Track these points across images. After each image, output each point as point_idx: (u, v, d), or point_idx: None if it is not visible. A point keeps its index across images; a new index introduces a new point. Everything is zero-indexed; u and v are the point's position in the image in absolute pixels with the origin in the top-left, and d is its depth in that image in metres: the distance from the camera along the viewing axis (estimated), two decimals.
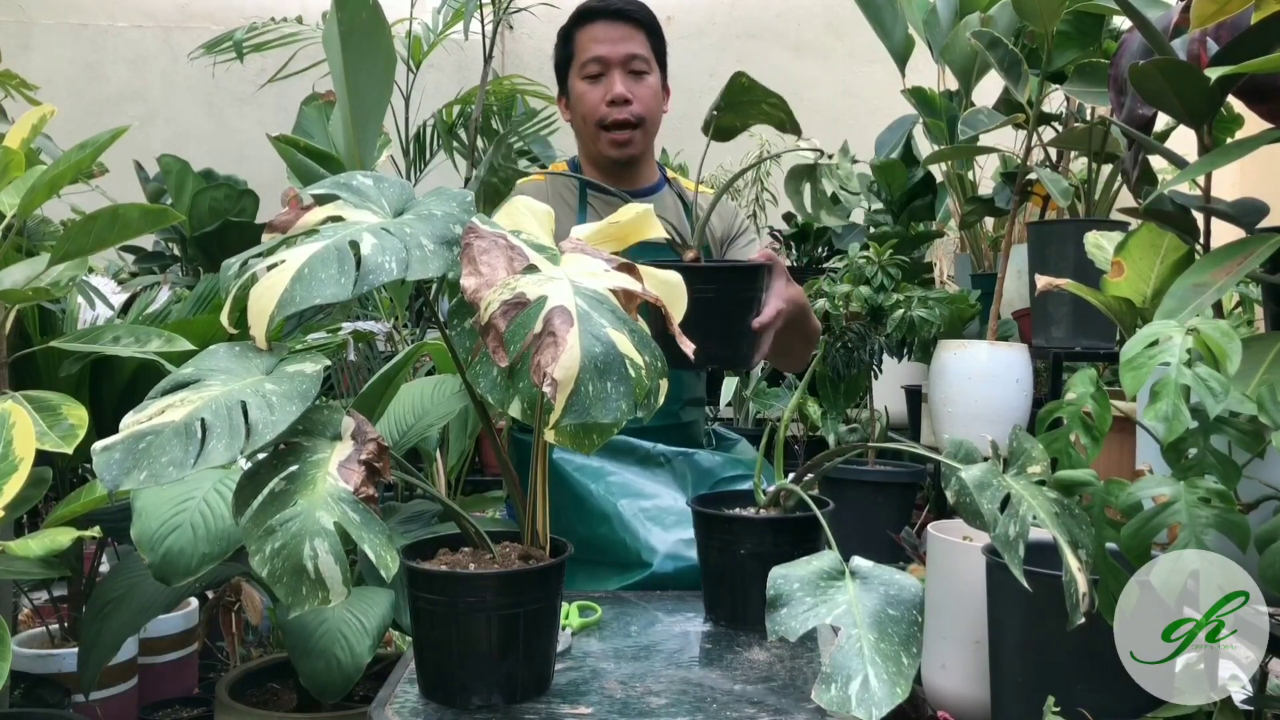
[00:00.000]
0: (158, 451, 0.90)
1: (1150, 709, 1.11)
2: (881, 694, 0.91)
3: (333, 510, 0.94)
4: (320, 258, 0.99)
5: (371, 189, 1.14)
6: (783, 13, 4.90)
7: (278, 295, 0.97)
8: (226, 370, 1.00)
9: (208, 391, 0.96)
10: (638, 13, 1.87)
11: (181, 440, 0.91)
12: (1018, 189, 2.04)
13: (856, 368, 2.17)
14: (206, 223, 2.76)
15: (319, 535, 0.93)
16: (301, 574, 0.92)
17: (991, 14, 2.20)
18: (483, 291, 0.93)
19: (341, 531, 0.94)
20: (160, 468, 0.89)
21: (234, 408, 0.94)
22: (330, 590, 0.93)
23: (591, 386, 0.88)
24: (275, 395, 0.96)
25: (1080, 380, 1.14)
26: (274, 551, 0.92)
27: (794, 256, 3.37)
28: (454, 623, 1.06)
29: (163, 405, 0.94)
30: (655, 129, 1.92)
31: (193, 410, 0.93)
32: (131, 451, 0.90)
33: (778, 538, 1.33)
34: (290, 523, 0.93)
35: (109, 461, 0.89)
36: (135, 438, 0.91)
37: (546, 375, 0.87)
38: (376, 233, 1.03)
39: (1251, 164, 1.46)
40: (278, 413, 0.94)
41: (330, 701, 1.33)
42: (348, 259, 0.99)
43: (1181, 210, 1.33)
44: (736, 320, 1.43)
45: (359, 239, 1.01)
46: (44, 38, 4.84)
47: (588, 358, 0.89)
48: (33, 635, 1.85)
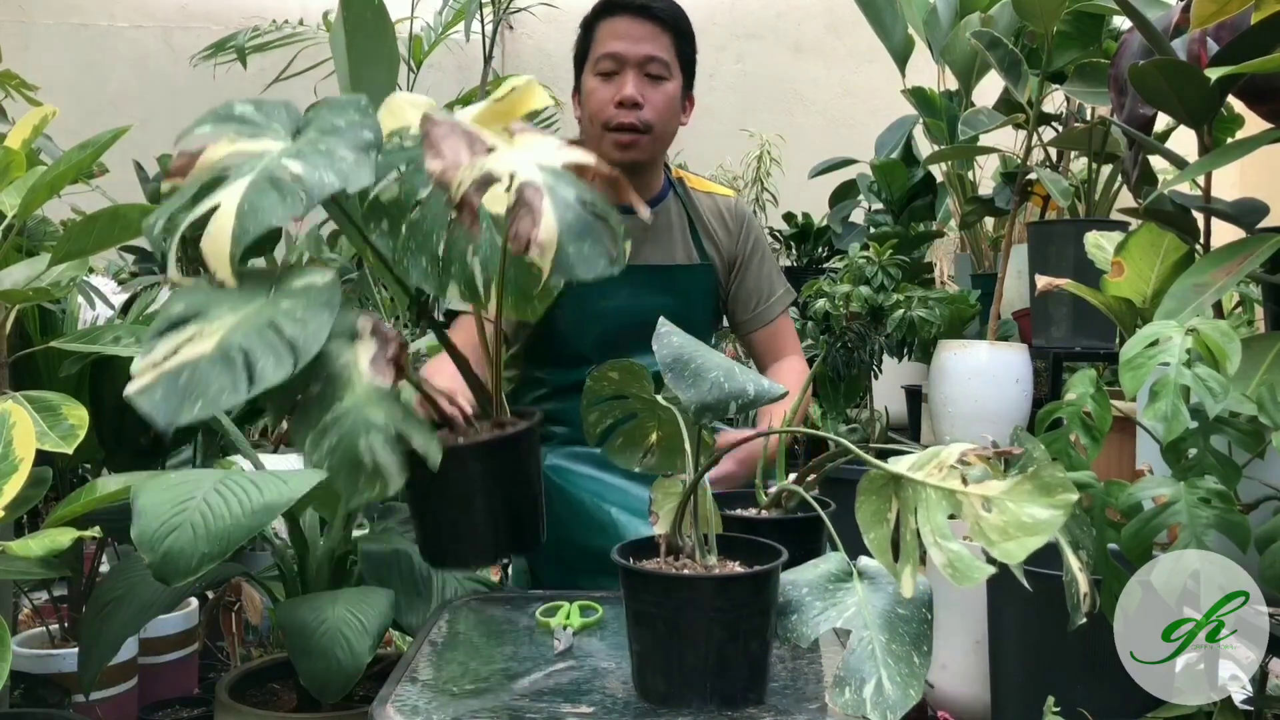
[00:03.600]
0: (203, 383, 0.90)
1: (1150, 709, 1.11)
2: (895, 697, 0.91)
3: (378, 406, 0.98)
4: (256, 190, 0.98)
5: (257, 115, 1.11)
6: (783, 13, 4.90)
7: (229, 234, 0.96)
8: (222, 302, 0.98)
9: (220, 322, 0.96)
10: (666, 12, 1.72)
11: (224, 368, 0.91)
12: (1018, 189, 2.05)
13: (856, 368, 2.17)
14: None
15: (371, 430, 0.96)
16: (359, 467, 0.96)
17: (991, 14, 2.20)
18: (450, 172, 0.95)
19: (389, 425, 0.97)
20: (214, 396, 0.89)
21: (264, 329, 0.95)
22: (388, 480, 0.97)
23: (573, 249, 0.93)
24: (300, 310, 0.97)
25: (1080, 380, 1.14)
26: (330, 449, 0.95)
27: (794, 256, 3.37)
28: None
29: (174, 343, 0.94)
30: (666, 139, 1.78)
31: (221, 339, 0.94)
32: (173, 388, 0.90)
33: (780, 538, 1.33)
34: (341, 420, 0.96)
35: (154, 401, 0.88)
36: (170, 375, 0.91)
37: (531, 241, 0.91)
38: (294, 155, 1.02)
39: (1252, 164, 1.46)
40: (311, 325, 0.95)
41: (330, 701, 1.33)
42: (284, 185, 0.98)
43: (1181, 210, 1.33)
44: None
45: (282, 165, 1.00)
46: (44, 38, 4.84)
47: (563, 224, 0.93)
48: (33, 635, 1.85)
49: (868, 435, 2.38)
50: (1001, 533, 0.85)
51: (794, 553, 1.09)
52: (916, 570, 0.91)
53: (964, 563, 0.87)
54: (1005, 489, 0.86)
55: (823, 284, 2.19)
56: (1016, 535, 0.84)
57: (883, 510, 0.94)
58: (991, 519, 0.85)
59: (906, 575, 0.91)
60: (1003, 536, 0.84)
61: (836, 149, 2.96)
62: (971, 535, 0.86)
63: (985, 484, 0.87)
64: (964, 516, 0.87)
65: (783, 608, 1.02)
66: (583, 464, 1.76)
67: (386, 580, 1.50)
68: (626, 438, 1.25)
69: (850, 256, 2.18)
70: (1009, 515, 0.85)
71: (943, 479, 0.89)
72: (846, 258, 2.20)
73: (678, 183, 1.87)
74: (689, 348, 1.06)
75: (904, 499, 0.92)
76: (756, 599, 1.02)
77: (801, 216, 3.32)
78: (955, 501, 0.88)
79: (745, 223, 1.87)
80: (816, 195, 3.12)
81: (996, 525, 0.85)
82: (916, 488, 0.91)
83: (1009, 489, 0.86)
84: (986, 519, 0.86)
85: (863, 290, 2.09)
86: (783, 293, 1.89)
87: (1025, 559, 0.84)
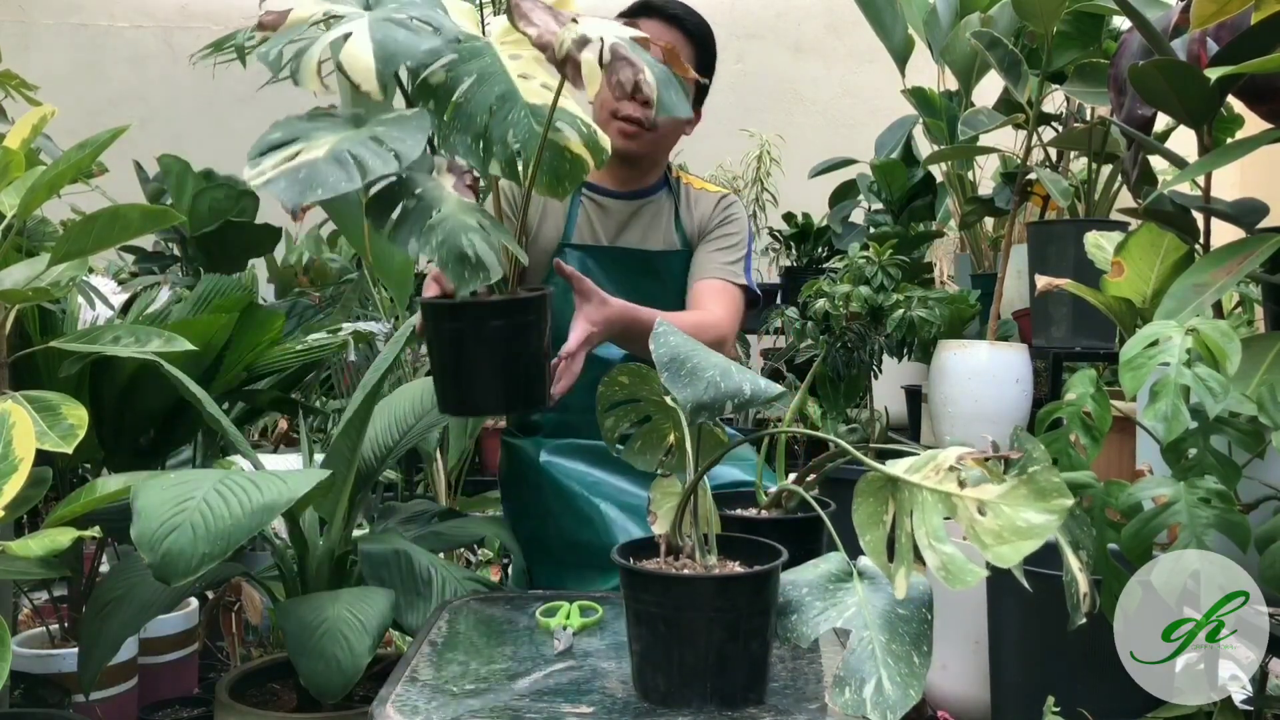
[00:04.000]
0: (321, 175, 1.05)
1: (1150, 709, 1.11)
2: (895, 697, 0.91)
3: (472, 214, 1.18)
4: (379, 27, 1.16)
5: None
6: (783, 13, 4.90)
7: (370, 53, 1.13)
8: (320, 128, 1.13)
9: (325, 139, 1.11)
10: (694, 25, 1.82)
11: (338, 167, 1.06)
12: (1018, 189, 2.05)
13: (856, 368, 2.17)
14: (206, 223, 2.76)
15: (470, 230, 1.15)
16: (464, 259, 1.13)
17: (991, 14, 2.20)
18: (547, 35, 1.14)
19: (481, 227, 1.16)
20: (331, 184, 1.04)
21: (367, 141, 1.10)
22: (490, 270, 1.15)
23: (664, 93, 1.16)
24: (396, 129, 1.12)
25: (1080, 380, 1.14)
26: (439, 244, 1.12)
27: (794, 256, 3.37)
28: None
29: (284, 155, 1.09)
30: (667, 140, 1.85)
31: (331, 147, 1.08)
32: (294, 180, 1.04)
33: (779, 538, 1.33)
34: (444, 222, 1.14)
35: (280, 188, 1.03)
36: (290, 171, 1.05)
37: (639, 83, 1.11)
38: (400, 10, 1.20)
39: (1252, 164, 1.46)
40: (409, 140, 1.11)
41: (330, 701, 1.33)
42: (405, 23, 1.18)
43: (1181, 210, 1.33)
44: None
45: (391, 16, 1.19)
46: (44, 38, 4.84)
47: (654, 71, 1.15)
48: (33, 635, 1.85)
49: (868, 435, 2.38)
50: (996, 536, 0.85)
51: (794, 553, 1.09)
52: (911, 572, 0.91)
53: (957, 565, 0.87)
54: (1001, 493, 0.87)
55: (823, 284, 2.18)
56: (1011, 539, 0.84)
57: (879, 512, 0.94)
58: (986, 523, 0.85)
59: (900, 577, 0.92)
60: (997, 540, 0.85)
61: (836, 149, 2.96)
62: (967, 538, 0.87)
63: (981, 487, 0.88)
64: (959, 520, 0.87)
65: (783, 608, 1.02)
66: (575, 459, 1.77)
67: (386, 580, 1.50)
68: (645, 440, 1.26)
69: (850, 256, 2.17)
70: (1004, 519, 0.85)
71: (939, 482, 0.89)
72: (846, 258, 2.20)
73: (675, 180, 1.90)
74: (686, 347, 1.06)
75: (900, 501, 0.92)
76: (756, 599, 1.02)
77: (801, 216, 3.32)
78: (951, 504, 0.88)
79: (725, 211, 1.89)
80: (816, 195, 3.12)
81: (991, 529, 0.85)
82: (913, 490, 0.91)
83: (1004, 493, 0.86)
84: (981, 523, 0.86)
85: (863, 290, 2.09)
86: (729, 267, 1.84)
87: (1023, 560, 0.84)
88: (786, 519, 1.34)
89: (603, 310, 1.49)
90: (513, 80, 1.30)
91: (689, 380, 1.02)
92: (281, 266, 3.42)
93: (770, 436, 1.48)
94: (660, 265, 1.84)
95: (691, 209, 1.87)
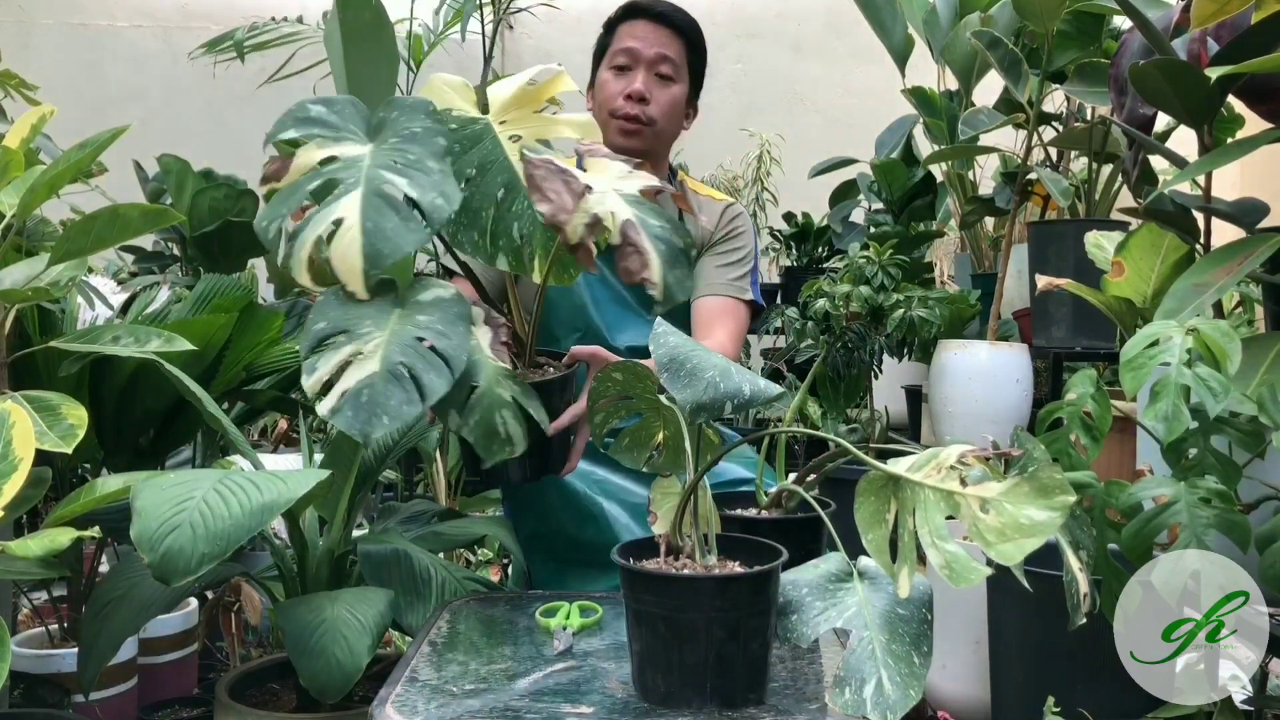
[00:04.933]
0: (384, 399, 1.07)
1: (1150, 709, 1.11)
2: (895, 697, 0.91)
3: (506, 387, 1.23)
4: (373, 208, 1.14)
5: (331, 116, 1.26)
6: (783, 13, 4.89)
7: (359, 251, 1.13)
8: (361, 317, 1.14)
9: (370, 339, 1.12)
10: (683, 23, 1.86)
11: (396, 385, 1.08)
12: (1018, 189, 2.05)
13: (856, 368, 2.17)
14: (206, 223, 2.75)
15: (504, 406, 1.22)
16: (495, 435, 1.21)
17: (991, 14, 2.20)
18: (561, 215, 1.17)
19: (514, 402, 1.23)
20: (395, 409, 1.07)
21: (415, 345, 1.12)
22: (515, 445, 1.23)
23: (670, 277, 1.20)
24: (440, 324, 1.14)
25: (1080, 380, 1.14)
26: (475, 423, 1.20)
27: (794, 256, 3.37)
28: None
29: (336, 362, 1.10)
30: (668, 138, 1.89)
31: (383, 358, 1.10)
32: (359, 406, 1.07)
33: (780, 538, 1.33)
34: (481, 399, 1.20)
35: (348, 419, 1.06)
36: (353, 394, 1.07)
37: (645, 280, 1.18)
38: (392, 169, 1.17)
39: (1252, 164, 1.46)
40: (454, 338, 1.14)
41: (330, 701, 1.33)
42: (399, 205, 1.14)
43: (1182, 210, 1.33)
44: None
45: (387, 182, 1.16)
46: (44, 38, 4.84)
47: (662, 259, 1.19)
48: (32, 635, 1.84)
49: (868, 435, 2.38)
50: (999, 534, 0.85)
51: (794, 553, 1.09)
52: (914, 571, 0.91)
53: (961, 564, 0.87)
54: (1003, 491, 0.86)
55: (823, 284, 2.18)
56: (1014, 537, 0.84)
57: (881, 511, 0.94)
58: (989, 520, 0.85)
59: (904, 576, 0.91)
60: (1000, 538, 0.85)
61: (836, 149, 2.96)
62: (970, 536, 0.86)
63: (983, 485, 0.87)
64: (962, 518, 0.87)
65: (783, 608, 1.02)
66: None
67: (386, 580, 1.50)
68: (633, 438, 1.26)
69: (850, 256, 2.17)
70: (1006, 517, 0.85)
71: (941, 480, 0.89)
72: (846, 258, 2.20)
73: (679, 183, 1.90)
74: (685, 348, 1.06)
75: (902, 500, 0.92)
76: (756, 599, 1.02)
77: (801, 216, 3.32)
78: (953, 503, 0.88)
79: (731, 222, 1.89)
80: (816, 195, 3.12)
81: (994, 527, 0.85)
82: (915, 489, 0.91)
83: (1007, 491, 0.86)
84: (984, 520, 0.86)
85: (863, 290, 2.09)
86: (736, 283, 1.85)
87: (1024, 559, 0.84)
88: (787, 519, 1.34)
89: None
90: (515, 169, 1.33)
91: (689, 381, 1.02)
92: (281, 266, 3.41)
93: (770, 436, 1.48)
94: None
95: (696, 215, 1.86)
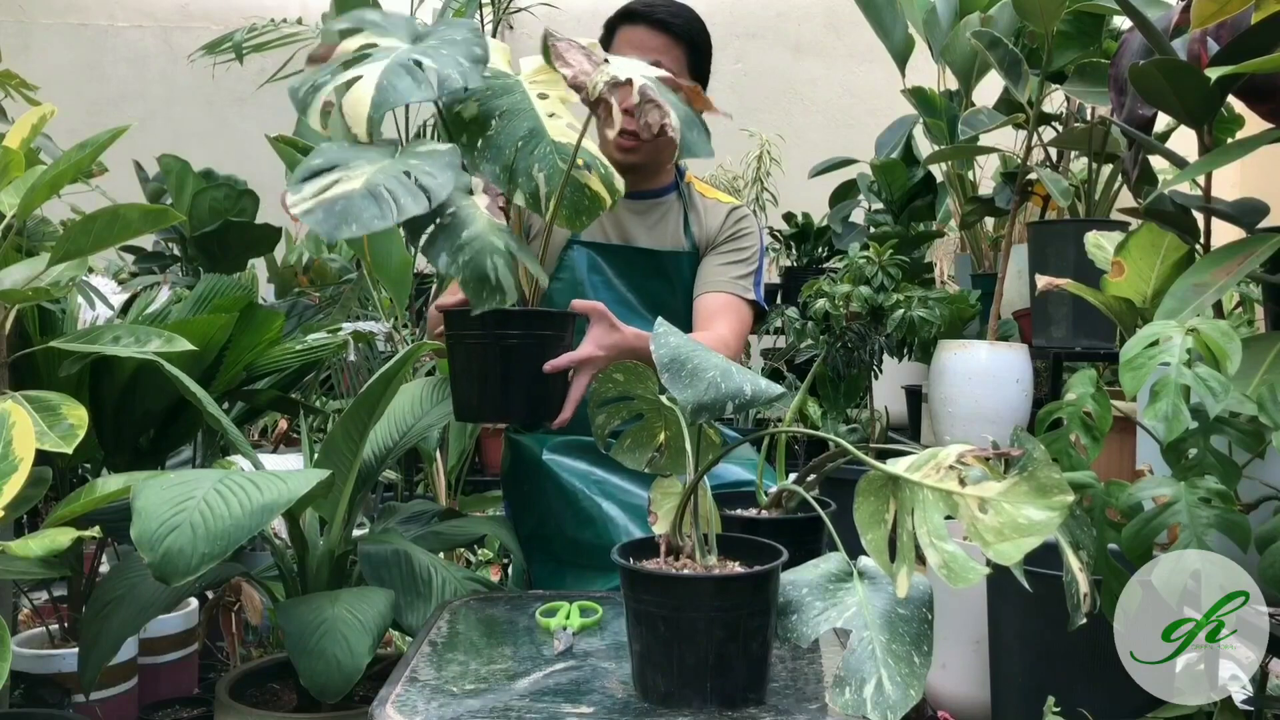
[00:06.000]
0: (356, 210, 1.09)
1: (1150, 709, 1.11)
2: (895, 697, 0.91)
3: (500, 236, 1.25)
4: (391, 70, 1.21)
5: (384, 20, 1.34)
6: (783, 12, 4.89)
7: (369, 100, 1.18)
8: (358, 158, 1.17)
9: (361, 169, 1.15)
10: (682, 27, 1.80)
11: (372, 202, 1.10)
12: (1018, 189, 2.04)
13: (856, 368, 2.17)
14: (206, 223, 2.75)
15: (496, 252, 1.22)
16: (485, 280, 1.20)
17: (991, 14, 2.20)
18: (581, 76, 1.24)
19: (507, 250, 1.24)
20: (366, 220, 1.08)
21: (399, 176, 1.14)
22: (506, 293, 1.23)
23: (689, 134, 1.26)
24: (429, 166, 1.17)
25: (1080, 380, 1.14)
26: (464, 263, 1.19)
27: (794, 256, 3.37)
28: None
29: (322, 184, 1.12)
30: (668, 145, 1.80)
31: (367, 180, 1.12)
32: (331, 212, 1.08)
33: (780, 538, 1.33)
34: (473, 242, 1.21)
35: (317, 219, 1.08)
36: (327, 203, 1.09)
37: (666, 125, 1.21)
38: (425, 52, 1.25)
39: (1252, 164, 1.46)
40: (440, 177, 1.17)
41: (330, 701, 1.33)
42: (415, 71, 1.21)
43: (1182, 210, 1.33)
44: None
45: (415, 57, 1.23)
46: (44, 38, 4.84)
47: (679, 114, 1.25)
48: (33, 635, 1.85)
49: (868, 435, 2.38)
50: (998, 534, 0.85)
51: (794, 553, 1.09)
52: (912, 571, 0.91)
53: (959, 564, 0.87)
54: (1002, 490, 0.86)
55: (823, 284, 2.18)
56: (1013, 537, 0.84)
57: (881, 511, 0.94)
58: (988, 520, 0.85)
59: (902, 576, 0.91)
60: (999, 538, 0.85)
61: (836, 149, 2.96)
62: (968, 536, 0.86)
63: (982, 485, 0.87)
64: (961, 518, 0.87)
65: (783, 608, 1.02)
66: (578, 457, 1.76)
67: (386, 580, 1.50)
68: (634, 438, 1.26)
69: (850, 256, 2.17)
70: (1005, 517, 0.85)
71: (940, 480, 0.89)
72: (846, 258, 2.20)
73: (686, 185, 1.91)
74: (686, 348, 1.06)
75: (901, 500, 0.92)
76: (756, 599, 1.02)
77: (801, 216, 3.32)
78: (952, 503, 0.88)
79: (738, 224, 1.89)
80: (816, 195, 3.12)
81: (993, 527, 0.85)
82: (914, 489, 0.91)
83: (1005, 491, 0.86)
84: (983, 520, 0.86)
85: (863, 290, 2.09)
86: (739, 282, 1.84)
87: (1023, 559, 0.84)
88: (787, 519, 1.34)
89: (612, 335, 1.50)
90: (540, 117, 1.39)
91: (689, 381, 1.02)
92: (281, 266, 3.42)
93: (770, 436, 1.48)
94: (668, 265, 1.84)
95: (701, 217, 1.87)
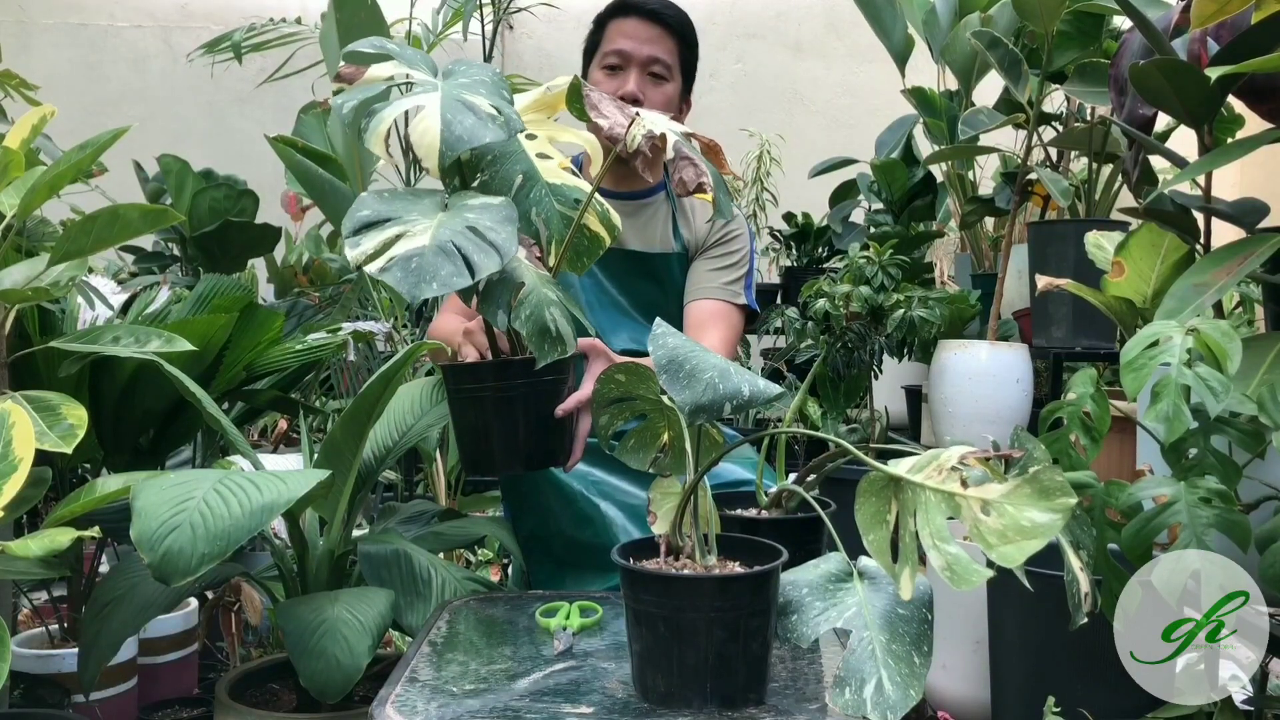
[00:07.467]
0: (433, 268, 1.10)
1: (1150, 709, 1.11)
2: (895, 697, 0.91)
3: (549, 288, 1.28)
4: (452, 106, 1.22)
5: (405, 53, 1.33)
6: (783, 13, 4.89)
7: (437, 135, 1.18)
8: (410, 210, 1.19)
9: (419, 223, 1.16)
10: (674, 19, 1.84)
11: (447, 260, 1.11)
12: (1018, 189, 2.04)
13: (856, 368, 2.17)
14: (206, 223, 2.75)
15: (552, 305, 1.26)
16: (546, 332, 1.24)
17: (991, 14, 2.20)
18: (617, 129, 1.27)
19: (560, 302, 1.28)
20: (445, 278, 1.09)
21: (464, 232, 1.16)
22: (566, 344, 1.26)
23: (719, 193, 1.29)
24: (490, 220, 1.18)
25: (1080, 380, 1.14)
26: (527, 317, 1.23)
27: (794, 256, 3.37)
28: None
29: (383, 238, 1.13)
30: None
31: (434, 236, 1.14)
32: (409, 269, 1.09)
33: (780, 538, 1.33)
34: (531, 294, 1.24)
35: (398, 279, 1.09)
36: (403, 260, 1.10)
37: (704, 184, 1.26)
38: (470, 90, 1.26)
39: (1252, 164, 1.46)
40: (503, 232, 1.17)
41: (330, 701, 1.33)
42: (477, 110, 1.23)
43: (1182, 210, 1.33)
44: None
45: (466, 96, 1.24)
46: (44, 38, 4.84)
47: (710, 173, 1.29)
48: (32, 635, 1.84)
49: (868, 435, 2.38)
50: (1000, 536, 0.85)
51: (794, 553, 1.08)
52: (915, 572, 0.91)
53: (962, 565, 0.86)
54: (1004, 492, 0.86)
55: (823, 284, 2.18)
56: (1015, 539, 0.84)
57: (882, 512, 0.94)
58: (990, 522, 0.85)
59: (905, 577, 0.91)
60: (1001, 540, 0.84)
61: (836, 149, 2.96)
62: (970, 538, 0.86)
63: (984, 487, 0.87)
64: (963, 519, 0.87)
65: (783, 608, 1.02)
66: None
67: (386, 580, 1.50)
68: (638, 439, 1.26)
69: (850, 256, 2.17)
70: (1008, 519, 0.85)
71: (942, 481, 0.89)
72: (846, 258, 2.19)
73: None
74: (684, 349, 1.06)
75: (903, 501, 0.92)
76: (756, 599, 1.02)
77: (801, 216, 3.32)
78: (954, 504, 0.88)
79: (725, 227, 1.88)
80: (816, 195, 3.12)
81: (995, 529, 0.85)
82: (916, 490, 0.91)
83: (1008, 492, 0.86)
84: (985, 522, 0.85)
85: (863, 290, 2.09)
86: (729, 287, 1.84)
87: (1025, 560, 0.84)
88: (787, 519, 1.34)
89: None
90: (532, 160, 1.39)
91: (688, 382, 1.02)
92: (281, 266, 3.42)
93: (770, 436, 1.48)
94: (659, 267, 1.84)
95: (690, 218, 1.88)
